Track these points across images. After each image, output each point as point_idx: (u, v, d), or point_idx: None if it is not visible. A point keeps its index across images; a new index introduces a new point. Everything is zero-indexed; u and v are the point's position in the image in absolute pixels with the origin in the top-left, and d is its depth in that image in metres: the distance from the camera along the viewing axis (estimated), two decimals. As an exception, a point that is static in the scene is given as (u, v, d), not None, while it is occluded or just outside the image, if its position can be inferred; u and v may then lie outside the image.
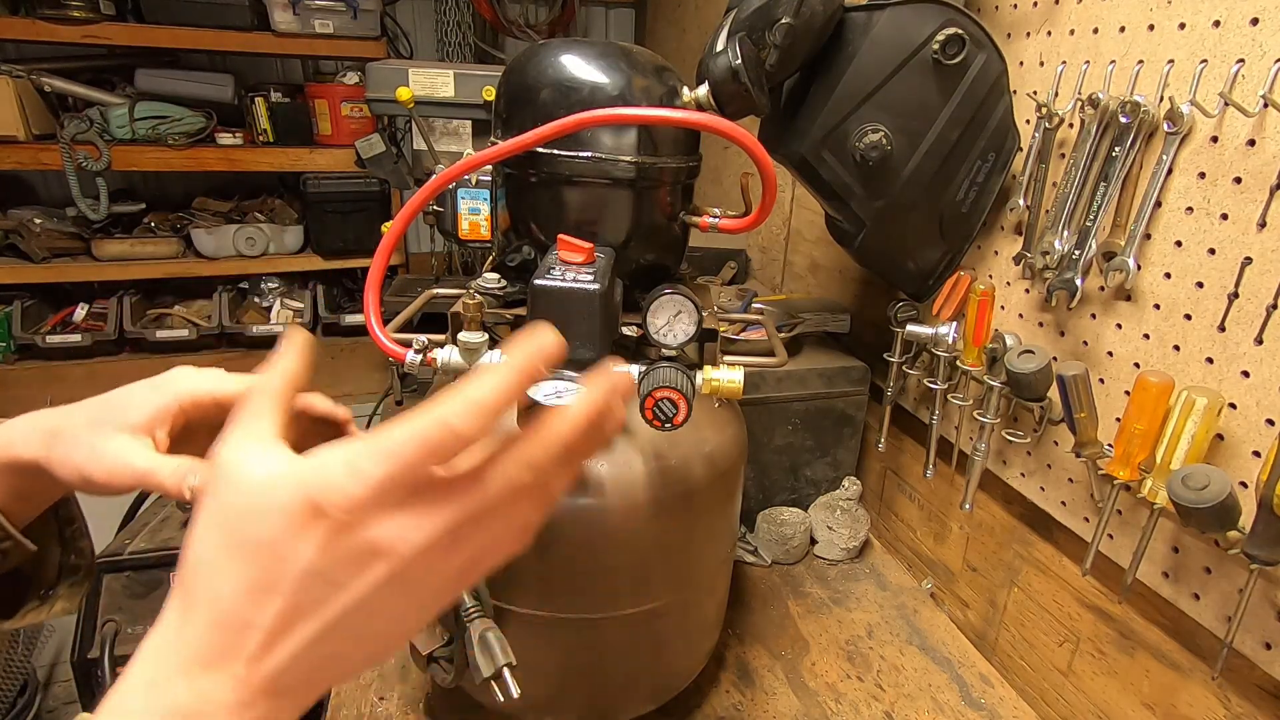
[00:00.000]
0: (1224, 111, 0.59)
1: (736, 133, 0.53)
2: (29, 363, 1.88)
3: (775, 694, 0.81)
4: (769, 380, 0.98)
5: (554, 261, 0.55)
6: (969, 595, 0.96)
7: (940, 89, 0.75)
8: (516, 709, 0.69)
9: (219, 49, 1.91)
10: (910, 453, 1.06)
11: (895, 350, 0.94)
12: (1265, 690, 0.61)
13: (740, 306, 1.10)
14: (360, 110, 1.94)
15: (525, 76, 0.61)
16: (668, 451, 0.61)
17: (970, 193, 0.81)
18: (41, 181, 2.07)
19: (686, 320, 0.57)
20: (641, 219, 0.64)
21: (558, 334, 0.30)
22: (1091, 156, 0.69)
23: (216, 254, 1.98)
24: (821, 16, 0.71)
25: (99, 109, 1.81)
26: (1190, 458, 0.59)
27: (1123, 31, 0.68)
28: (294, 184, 2.06)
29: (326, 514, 0.26)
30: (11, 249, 1.88)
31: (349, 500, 0.26)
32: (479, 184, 1.01)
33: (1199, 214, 0.62)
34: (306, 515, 0.26)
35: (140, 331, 1.93)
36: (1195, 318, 0.63)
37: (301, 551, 0.26)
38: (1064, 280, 0.72)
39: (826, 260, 1.24)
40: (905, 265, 0.88)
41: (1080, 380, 0.67)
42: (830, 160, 0.78)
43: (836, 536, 1.03)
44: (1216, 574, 0.62)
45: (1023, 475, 0.83)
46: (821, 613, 0.94)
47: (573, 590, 0.62)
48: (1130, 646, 0.73)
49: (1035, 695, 0.85)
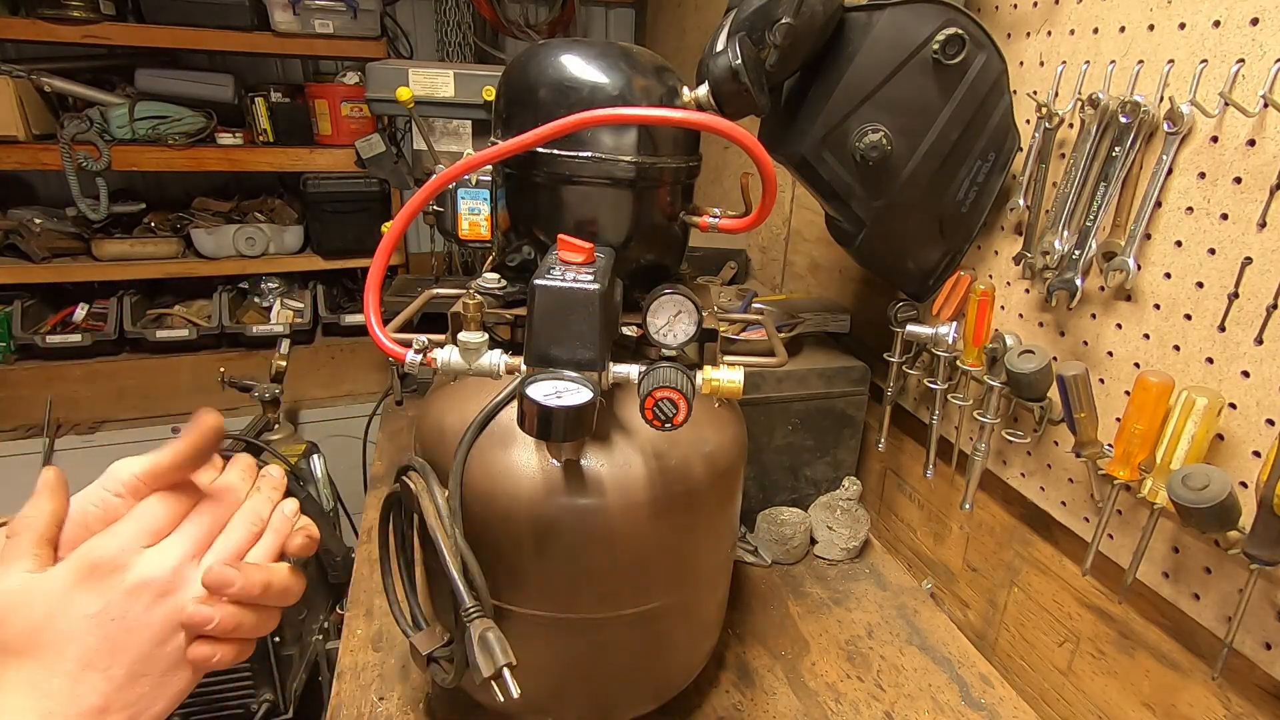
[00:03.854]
0: (1224, 111, 0.59)
1: (736, 133, 0.53)
2: (29, 363, 1.88)
3: (775, 694, 0.81)
4: (769, 380, 0.98)
5: (554, 261, 0.55)
6: (969, 595, 0.96)
7: (940, 89, 0.75)
8: (516, 709, 0.69)
9: (219, 49, 1.90)
10: (910, 453, 1.06)
11: (895, 350, 0.94)
12: (1265, 690, 0.61)
13: (740, 306, 1.10)
14: (360, 110, 1.94)
15: (525, 76, 0.61)
16: (668, 451, 0.61)
17: (970, 193, 0.81)
18: (41, 181, 2.07)
19: (686, 320, 0.57)
20: (641, 219, 0.64)
21: (217, 415, 0.41)
22: (1091, 156, 0.69)
23: (216, 254, 1.98)
24: (821, 16, 0.71)
25: (99, 109, 1.81)
26: (1190, 458, 0.59)
27: (1123, 31, 0.68)
28: (294, 184, 2.06)
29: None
30: (11, 249, 1.88)
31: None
32: (479, 184, 1.01)
33: (1199, 214, 0.62)
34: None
35: (140, 331, 1.93)
36: (1195, 318, 0.63)
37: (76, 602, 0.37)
38: (1064, 280, 0.72)
39: (826, 260, 1.24)
40: (905, 265, 0.88)
41: (1080, 380, 0.67)
42: (830, 160, 0.78)
43: (836, 536, 1.03)
44: (1216, 574, 0.62)
45: (1023, 475, 0.83)
46: (821, 613, 0.94)
47: (573, 590, 0.62)
48: (1130, 647, 0.73)
49: (1035, 695, 0.85)
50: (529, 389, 0.49)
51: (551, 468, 0.59)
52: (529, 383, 0.50)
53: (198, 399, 1.98)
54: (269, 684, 1.21)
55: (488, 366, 0.57)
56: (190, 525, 0.41)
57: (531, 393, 0.49)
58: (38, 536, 0.37)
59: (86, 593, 0.36)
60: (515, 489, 0.59)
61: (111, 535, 0.38)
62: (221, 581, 0.39)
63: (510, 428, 0.59)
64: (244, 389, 1.46)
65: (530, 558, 0.61)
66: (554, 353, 0.52)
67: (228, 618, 0.39)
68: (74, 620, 0.36)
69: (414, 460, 0.61)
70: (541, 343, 0.52)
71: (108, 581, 0.37)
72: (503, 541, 0.60)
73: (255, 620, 0.41)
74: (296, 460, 1.35)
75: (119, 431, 1.93)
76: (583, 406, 0.49)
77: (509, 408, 0.60)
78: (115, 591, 0.37)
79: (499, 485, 0.59)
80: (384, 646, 0.84)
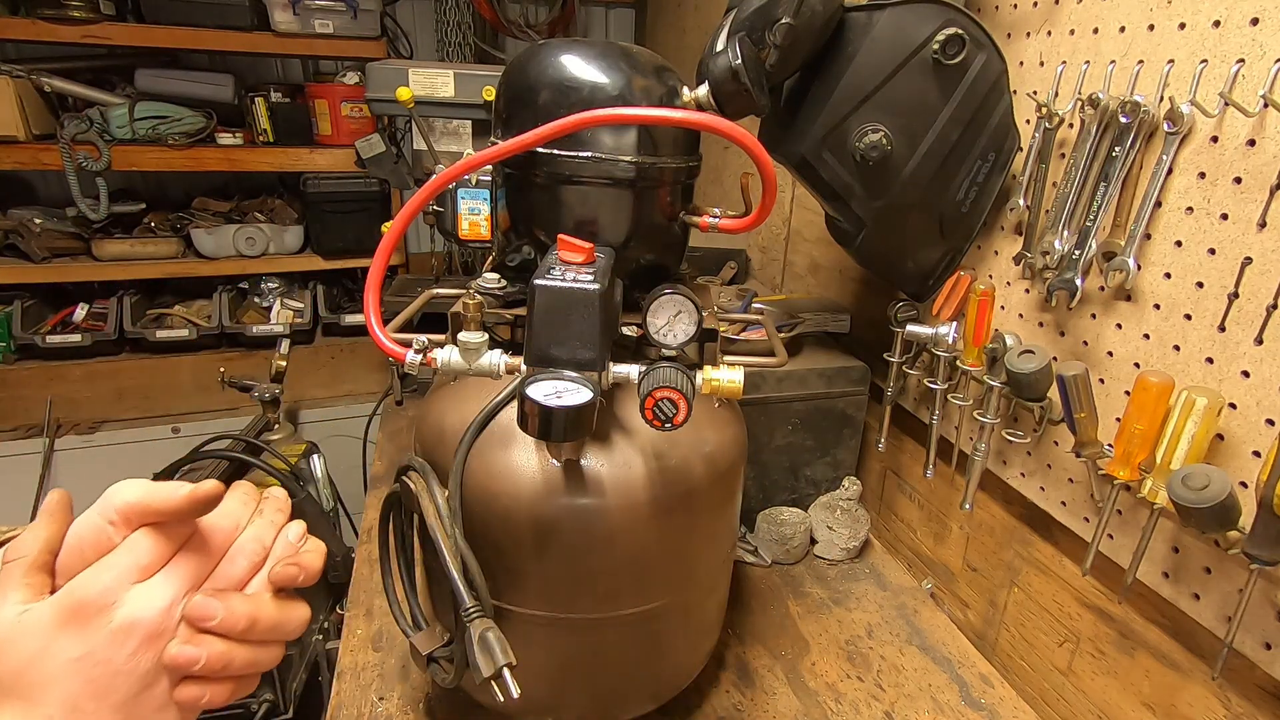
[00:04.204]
0: (1224, 111, 0.59)
1: (736, 133, 0.53)
2: (29, 363, 1.88)
3: (775, 694, 0.81)
4: (769, 380, 0.98)
5: (554, 261, 0.55)
6: (969, 595, 0.96)
7: (940, 89, 0.75)
8: (516, 709, 0.69)
9: (219, 49, 1.90)
10: (910, 453, 1.06)
11: (895, 350, 0.94)
12: (1265, 690, 0.61)
13: (740, 306, 1.10)
14: (360, 110, 1.94)
15: (525, 76, 0.61)
16: (668, 451, 0.61)
17: (970, 193, 0.81)
18: (41, 181, 2.06)
19: (686, 320, 0.57)
20: (641, 219, 0.64)
21: (220, 485, 0.40)
22: (1091, 156, 0.69)
23: (216, 254, 1.98)
24: (821, 16, 0.71)
25: (99, 109, 1.81)
26: (1190, 458, 0.59)
27: (1123, 31, 0.68)
28: (294, 184, 2.06)
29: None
30: (11, 249, 1.87)
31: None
32: (479, 184, 1.01)
33: (1199, 214, 0.62)
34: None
35: (140, 331, 1.93)
36: (1195, 318, 0.63)
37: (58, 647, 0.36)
38: (1064, 280, 0.72)
39: (826, 260, 1.24)
40: (905, 265, 0.88)
41: (1080, 380, 0.67)
42: (830, 160, 0.78)
43: (836, 536, 1.03)
44: (1216, 574, 0.62)
45: (1023, 475, 0.83)
46: (821, 613, 0.94)
47: (573, 590, 0.62)
48: (1130, 646, 0.73)
49: (1035, 695, 0.85)
50: (529, 389, 0.49)
51: (551, 468, 0.59)
52: (529, 383, 0.50)
53: (198, 399, 1.99)
54: (269, 684, 1.21)
55: (488, 366, 0.57)
56: (184, 560, 0.39)
57: (531, 393, 0.49)
58: (29, 564, 0.36)
59: (70, 636, 0.35)
60: (515, 489, 0.59)
61: (99, 571, 0.37)
62: (202, 615, 0.37)
63: (510, 428, 0.59)
64: (244, 389, 1.46)
65: (530, 558, 0.61)
66: (554, 353, 0.52)
67: (216, 656, 0.37)
68: (58, 663, 0.35)
69: (414, 460, 0.61)
70: (541, 343, 0.52)
71: (93, 623, 0.36)
72: (503, 541, 0.60)
73: (249, 656, 0.39)
74: (296, 460, 1.35)
75: (119, 431, 1.93)
76: (583, 406, 0.49)
77: (509, 408, 0.60)
78: (99, 634, 0.36)
79: (499, 485, 0.59)
80: (384, 646, 0.84)
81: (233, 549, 0.41)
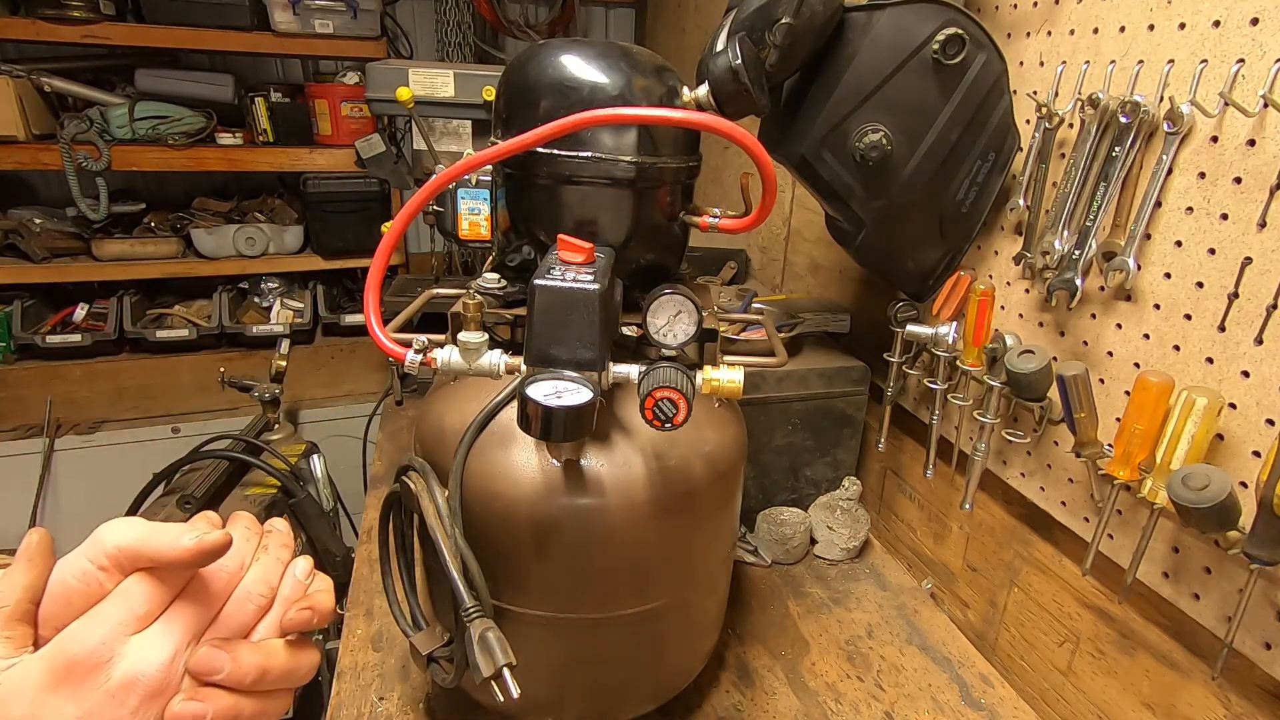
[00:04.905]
0: (1224, 111, 0.59)
1: (736, 133, 0.53)
2: (29, 363, 1.88)
3: (775, 694, 0.81)
4: (769, 380, 0.98)
5: (554, 261, 0.55)
6: (969, 595, 0.96)
7: (940, 89, 0.75)
8: (516, 709, 0.69)
9: (219, 49, 1.90)
10: (910, 453, 1.06)
11: (895, 350, 0.94)
12: (1265, 690, 0.61)
13: (740, 306, 1.10)
14: (360, 110, 1.94)
15: (525, 76, 0.61)
16: (668, 451, 0.61)
17: (970, 193, 0.81)
18: (41, 181, 2.07)
19: (686, 320, 0.57)
20: (641, 219, 0.64)
21: (228, 535, 0.37)
22: (1091, 156, 0.69)
23: (216, 254, 1.98)
24: (821, 16, 0.71)
25: (99, 109, 1.81)
26: (1190, 458, 0.59)
27: (1123, 31, 0.68)
28: (294, 184, 2.06)
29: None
30: (11, 249, 1.87)
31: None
32: (479, 184, 1.01)
33: (1199, 214, 0.62)
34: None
35: (140, 331, 1.93)
36: (1195, 318, 0.63)
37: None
38: (1064, 280, 0.72)
39: (826, 260, 1.24)
40: (905, 265, 0.88)
41: (1080, 380, 0.67)
42: (830, 160, 0.78)
43: (836, 536, 1.03)
44: (1216, 574, 0.62)
45: (1023, 475, 0.83)
46: (821, 613, 0.94)
47: (573, 590, 0.62)
48: (1130, 646, 0.73)
49: (1035, 695, 0.85)
50: (529, 389, 0.49)
51: (551, 468, 0.59)
52: (529, 383, 0.50)
53: (198, 399, 1.99)
54: (269, 684, 1.21)
55: (488, 366, 0.57)
56: (184, 606, 0.36)
57: (531, 393, 0.49)
58: (8, 615, 0.33)
59: (63, 696, 0.32)
60: (515, 489, 0.59)
61: (92, 622, 0.34)
62: (208, 668, 0.35)
63: (510, 428, 0.59)
64: (244, 389, 1.46)
65: (530, 558, 0.61)
66: (554, 353, 0.52)
67: (223, 711, 0.35)
68: None
69: (414, 460, 0.61)
70: (541, 343, 0.52)
71: (88, 682, 0.33)
72: (503, 541, 0.60)
73: (257, 708, 0.37)
74: (296, 460, 1.35)
75: (119, 431, 1.93)
76: (583, 406, 0.49)
77: (509, 408, 0.60)
78: (96, 693, 0.33)
79: (499, 485, 0.59)
80: (384, 646, 0.84)
81: (238, 592, 0.38)
